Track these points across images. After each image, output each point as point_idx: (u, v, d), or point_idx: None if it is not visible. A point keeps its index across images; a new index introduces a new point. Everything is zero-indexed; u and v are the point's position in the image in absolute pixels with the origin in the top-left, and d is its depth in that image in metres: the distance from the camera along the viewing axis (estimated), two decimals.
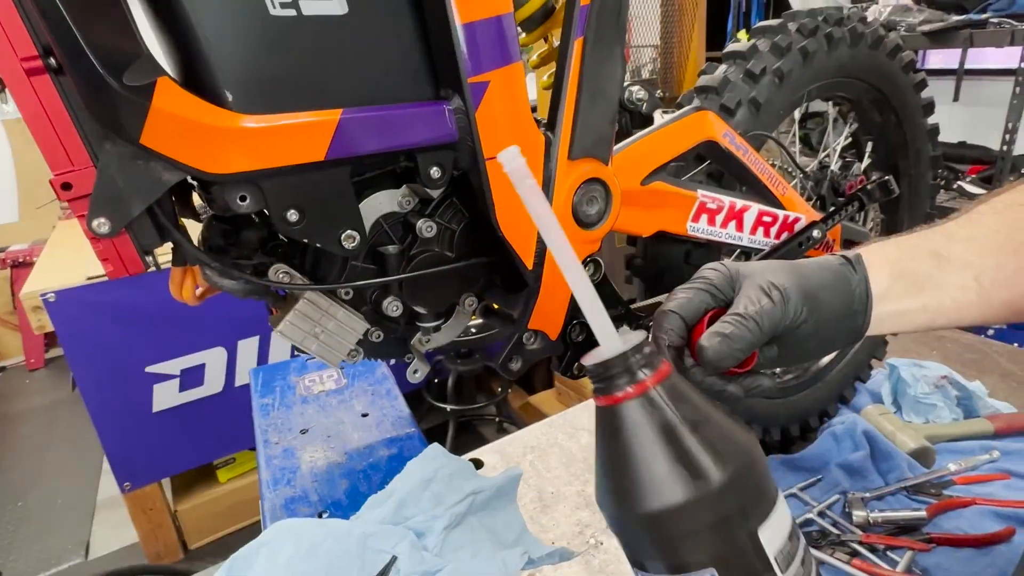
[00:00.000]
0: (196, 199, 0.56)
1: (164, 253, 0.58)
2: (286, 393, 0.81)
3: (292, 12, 0.45)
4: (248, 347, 2.10)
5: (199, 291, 0.57)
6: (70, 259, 2.10)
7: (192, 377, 2.03)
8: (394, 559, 0.54)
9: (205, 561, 2.21)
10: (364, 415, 0.76)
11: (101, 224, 0.43)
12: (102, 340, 1.85)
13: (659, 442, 0.34)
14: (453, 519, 0.57)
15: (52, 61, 0.41)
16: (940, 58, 3.34)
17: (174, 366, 1.99)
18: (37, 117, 0.41)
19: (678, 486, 0.33)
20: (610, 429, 0.36)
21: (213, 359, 2.05)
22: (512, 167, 0.32)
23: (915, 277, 0.49)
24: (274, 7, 0.45)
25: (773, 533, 0.34)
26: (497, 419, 2.67)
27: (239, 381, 2.11)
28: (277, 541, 0.54)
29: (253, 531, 2.09)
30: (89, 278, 1.82)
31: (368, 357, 0.62)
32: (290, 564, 0.52)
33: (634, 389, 0.35)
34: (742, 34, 3.45)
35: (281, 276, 0.54)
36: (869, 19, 0.94)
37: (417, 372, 0.64)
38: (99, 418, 1.92)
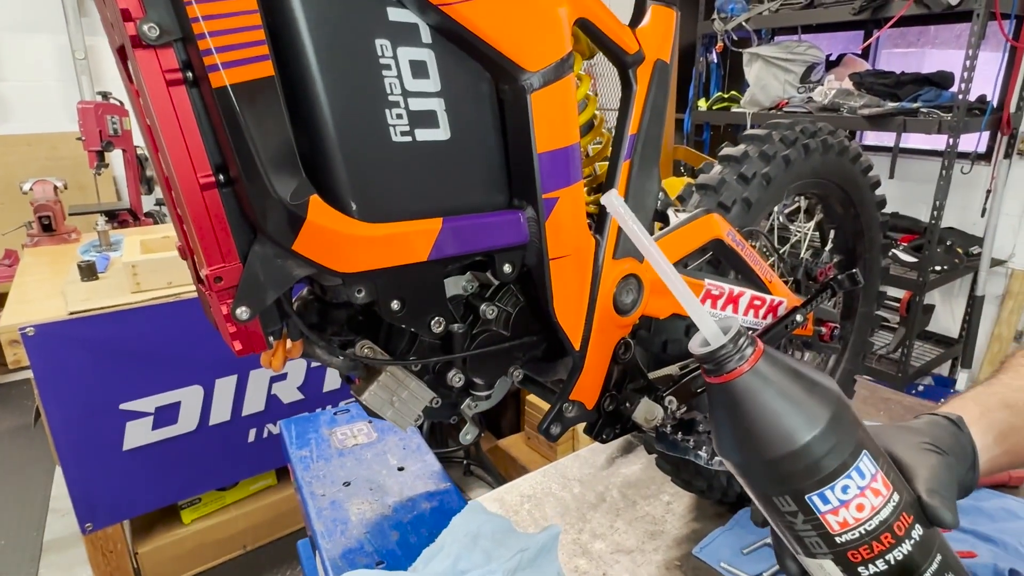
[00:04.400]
0: None
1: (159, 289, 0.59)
2: (321, 445, 0.87)
3: (409, 139, 0.55)
4: (225, 386, 2.10)
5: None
6: (43, 291, 2.06)
7: (166, 415, 2.02)
8: None
9: None
10: (400, 468, 0.83)
11: (243, 311, 0.51)
12: (78, 376, 1.83)
13: (782, 395, 0.44)
14: (506, 575, 0.64)
15: (221, 177, 0.49)
16: (876, 136, 3.69)
17: (149, 403, 1.97)
18: (202, 222, 0.49)
19: (821, 408, 0.44)
20: (728, 401, 0.46)
21: (189, 397, 2.04)
22: (615, 206, 0.44)
23: (999, 428, 0.58)
24: (396, 135, 0.54)
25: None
26: (465, 462, 2.71)
27: (214, 420, 2.10)
28: None
29: (216, 574, 2.05)
30: (71, 313, 1.80)
31: (426, 420, 0.69)
32: None
33: (744, 366, 0.45)
34: (702, 102, 3.72)
35: (366, 351, 0.62)
36: (822, 100, 1.10)
37: (468, 435, 0.72)
38: (66, 455, 1.87)
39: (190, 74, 0.46)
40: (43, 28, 3.63)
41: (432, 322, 0.60)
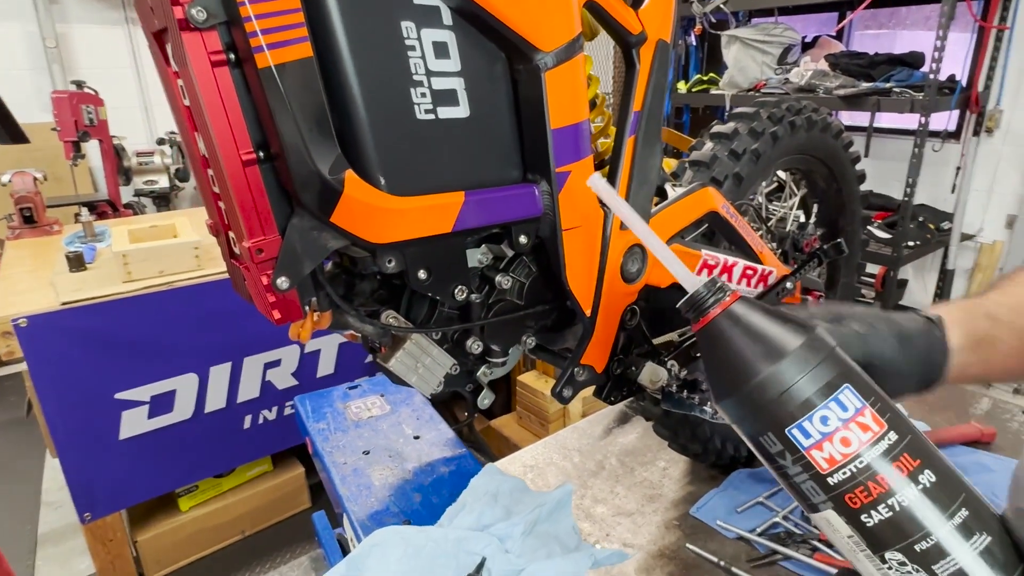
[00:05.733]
0: None
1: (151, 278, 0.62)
2: (337, 418, 0.90)
3: (432, 116, 0.58)
4: (220, 373, 2.11)
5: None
6: (30, 283, 2.05)
7: (162, 404, 2.02)
8: (484, 560, 0.65)
9: None
10: (416, 437, 0.87)
11: (283, 281, 0.54)
12: (72, 366, 1.82)
13: (756, 331, 0.47)
14: (527, 527, 0.69)
15: (261, 154, 0.52)
16: (851, 116, 3.77)
17: (144, 392, 1.98)
18: (244, 197, 0.52)
19: (792, 339, 0.47)
20: (710, 343, 0.49)
21: (184, 385, 2.05)
22: (598, 186, 0.51)
23: (977, 335, 0.57)
24: (420, 113, 0.57)
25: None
26: None
27: (209, 407, 2.11)
28: (386, 544, 0.64)
29: (216, 560, 2.08)
30: (63, 303, 1.79)
31: (445, 388, 0.73)
32: (400, 562, 0.63)
33: (718, 309, 0.49)
34: (682, 84, 3.77)
35: (391, 320, 0.65)
36: (798, 81, 1.15)
37: (486, 400, 0.76)
38: (63, 446, 1.87)
39: (232, 55, 0.49)
40: (11, 16, 3.54)
41: (456, 291, 0.64)
